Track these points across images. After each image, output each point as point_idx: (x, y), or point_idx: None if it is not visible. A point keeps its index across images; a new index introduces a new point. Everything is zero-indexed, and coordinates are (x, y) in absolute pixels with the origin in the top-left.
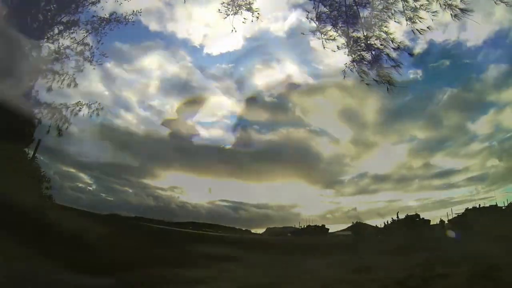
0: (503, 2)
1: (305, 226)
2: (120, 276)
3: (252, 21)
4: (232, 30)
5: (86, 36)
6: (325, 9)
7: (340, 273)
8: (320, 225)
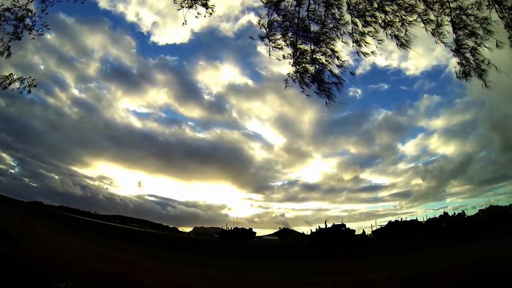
0: (442, 42)
1: (233, 228)
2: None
3: (204, 16)
4: (183, 23)
5: (32, 1)
6: (278, 18)
7: (266, 277)
8: (248, 228)
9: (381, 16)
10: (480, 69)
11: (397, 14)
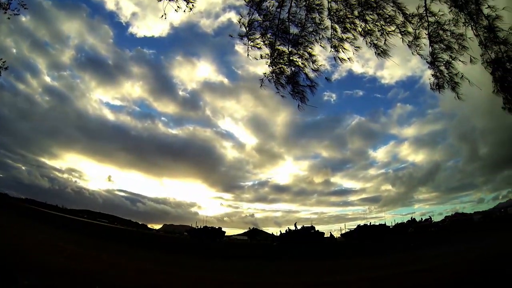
0: (418, 54)
1: (202, 227)
2: None
3: (184, 11)
4: (163, 16)
5: None
6: (258, 18)
7: (236, 277)
8: (217, 227)
9: (361, 24)
10: (453, 82)
11: (376, 23)
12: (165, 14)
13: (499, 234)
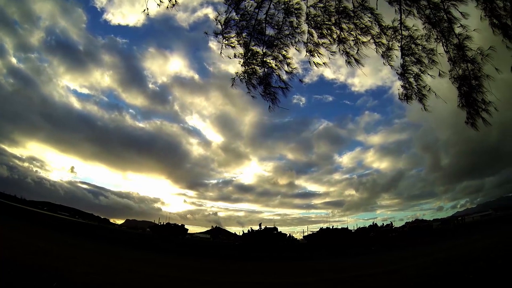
0: (389, 65)
1: (165, 223)
2: None
3: (168, 7)
4: (144, 11)
5: None
6: (235, 17)
7: (198, 275)
8: (180, 224)
9: (336, 32)
10: (421, 94)
11: (352, 32)
12: (147, 8)
13: (456, 241)
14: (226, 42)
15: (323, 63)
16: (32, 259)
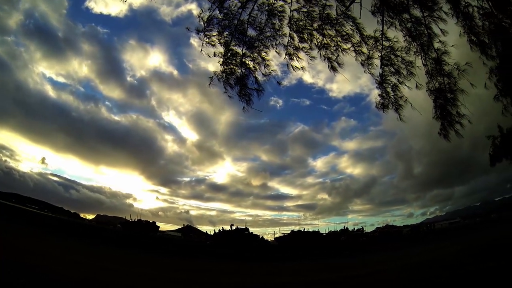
0: (369, 73)
1: (136, 220)
2: None
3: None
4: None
5: None
6: (219, 15)
7: (167, 273)
8: (151, 221)
9: (318, 37)
10: (398, 104)
11: (333, 39)
12: None
13: (425, 246)
14: (208, 40)
15: (302, 67)
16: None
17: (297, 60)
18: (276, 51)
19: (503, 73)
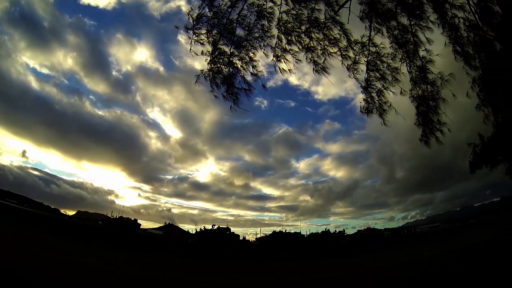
0: (354, 78)
1: (118, 217)
2: None
3: None
4: None
5: None
6: (208, 13)
7: (150, 272)
8: (133, 218)
9: (305, 40)
10: (382, 109)
11: (321, 42)
12: None
13: (406, 249)
14: (196, 38)
15: (289, 69)
16: None
17: (284, 62)
18: (264, 52)
19: (486, 84)
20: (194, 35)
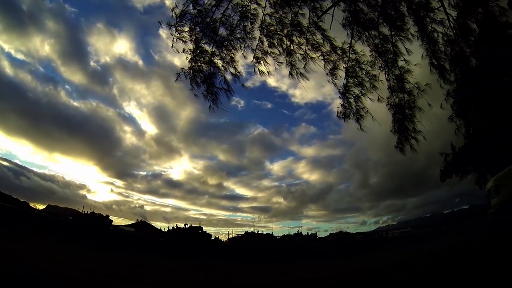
0: (333, 83)
1: (89, 212)
2: None
3: None
4: None
5: None
6: (192, 11)
7: (116, 270)
8: (105, 214)
9: (287, 43)
10: (359, 115)
11: (302, 47)
12: None
13: (375, 253)
14: (178, 35)
15: (268, 72)
16: None
17: (264, 64)
18: (243, 53)
19: (459, 97)
20: (177, 32)
